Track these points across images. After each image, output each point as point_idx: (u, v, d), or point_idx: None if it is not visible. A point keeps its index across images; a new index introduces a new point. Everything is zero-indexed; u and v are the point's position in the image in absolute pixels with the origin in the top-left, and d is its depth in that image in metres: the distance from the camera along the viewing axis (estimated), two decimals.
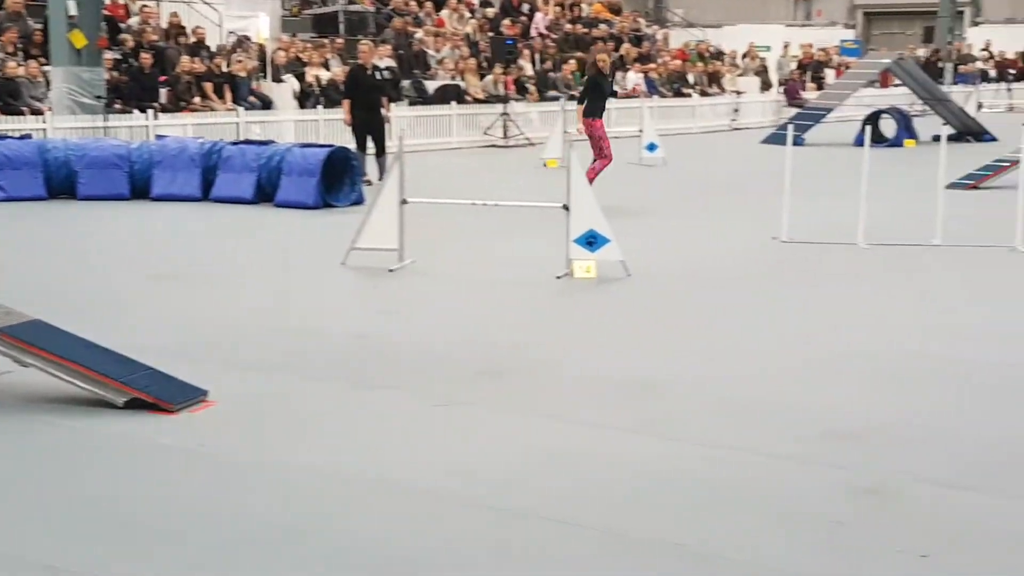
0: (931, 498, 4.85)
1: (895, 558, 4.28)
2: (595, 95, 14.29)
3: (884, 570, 4.20)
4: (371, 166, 15.28)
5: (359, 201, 13.70)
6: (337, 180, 13.95)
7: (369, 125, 15.14)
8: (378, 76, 15.84)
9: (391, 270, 9.70)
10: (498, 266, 10.11)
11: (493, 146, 22.35)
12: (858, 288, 9.27)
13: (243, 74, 19.98)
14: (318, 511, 4.70)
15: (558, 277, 9.35)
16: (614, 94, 14.02)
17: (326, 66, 21.77)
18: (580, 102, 14.37)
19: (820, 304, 8.68)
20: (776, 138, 21.18)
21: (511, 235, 11.58)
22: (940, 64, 34.77)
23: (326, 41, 23.05)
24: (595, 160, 13.93)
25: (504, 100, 22.89)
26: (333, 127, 19.91)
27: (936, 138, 12.21)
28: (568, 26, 28.95)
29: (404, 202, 9.87)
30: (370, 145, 15.28)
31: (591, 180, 14.10)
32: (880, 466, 5.19)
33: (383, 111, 15.32)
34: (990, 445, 5.49)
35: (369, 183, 14.71)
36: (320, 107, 20.22)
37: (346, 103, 15.29)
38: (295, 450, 5.41)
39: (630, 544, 4.40)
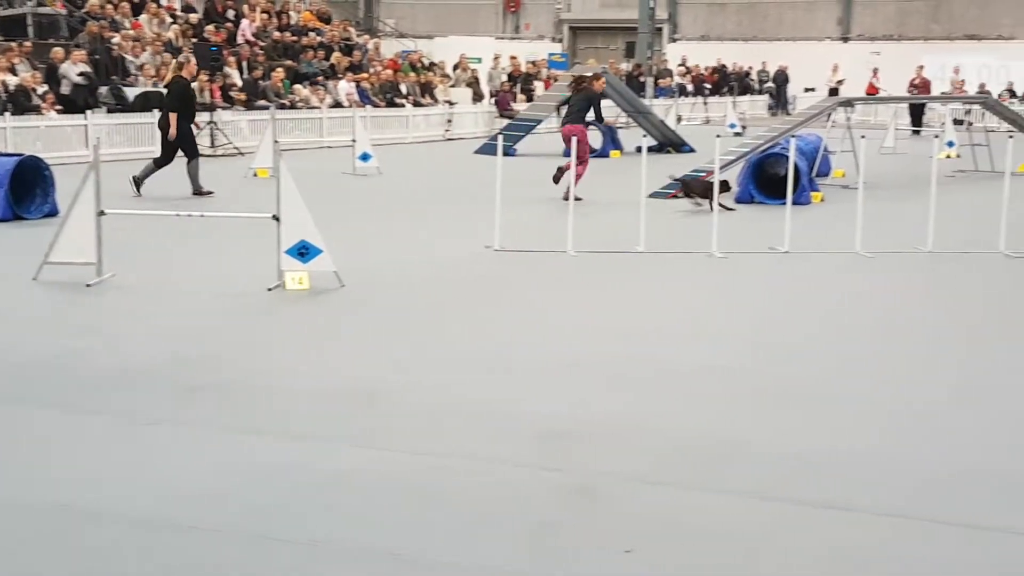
0: (634, 494, 4.99)
1: (599, 555, 4.36)
2: (585, 110, 15.32)
3: (590, 567, 4.27)
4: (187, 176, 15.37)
5: (52, 213, 12.94)
6: (28, 191, 13.11)
7: (184, 137, 15.26)
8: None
9: (89, 285, 9.17)
10: (206, 279, 9.74)
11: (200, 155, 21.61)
12: (568, 294, 9.49)
13: None
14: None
15: (270, 289, 9.10)
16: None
17: (13, 71, 20.48)
18: (573, 119, 15.04)
19: (532, 310, 8.83)
20: (488, 148, 21.52)
21: (219, 247, 11.20)
22: (642, 78, 36.38)
23: (14, 44, 21.67)
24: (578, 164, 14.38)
25: (211, 108, 22.21)
26: (23, 135, 18.77)
27: (639, 149, 12.67)
28: (276, 34, 28.43)
29: (102, 213, 9.36)
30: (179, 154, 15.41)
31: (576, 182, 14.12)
32: (589, 465, 5.30)
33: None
34: (685, 441, 5.71)
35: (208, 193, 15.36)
36: (8, 114, 18.96)
37: (174, 116, 15.12)
38: None
39: (339, 555, 4.29)
